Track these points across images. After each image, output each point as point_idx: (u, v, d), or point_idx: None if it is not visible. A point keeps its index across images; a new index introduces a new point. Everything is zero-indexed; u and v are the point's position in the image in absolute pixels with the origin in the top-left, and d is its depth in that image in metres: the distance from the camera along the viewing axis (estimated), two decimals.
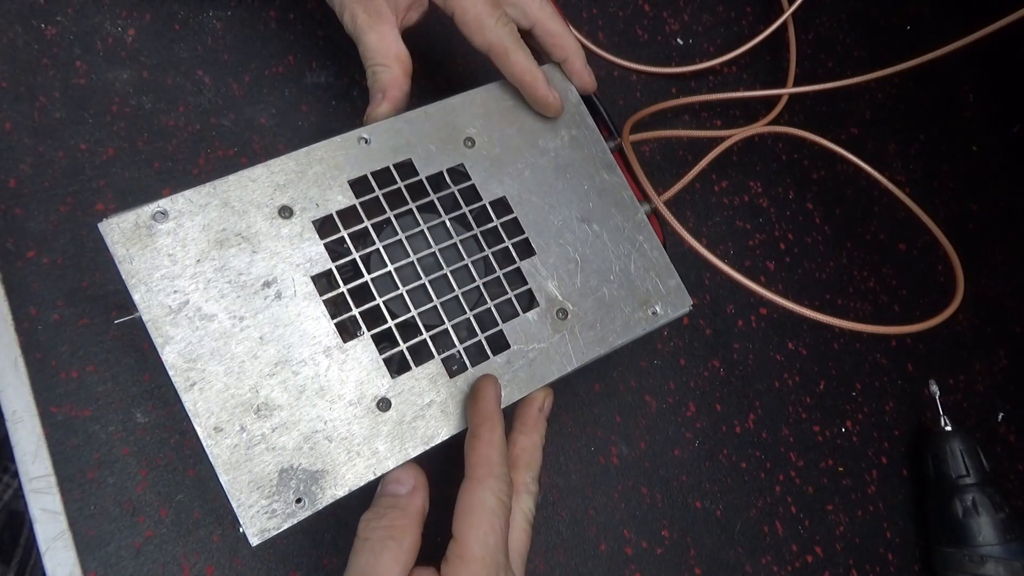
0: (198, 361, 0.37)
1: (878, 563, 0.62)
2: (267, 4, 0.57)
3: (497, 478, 0.36)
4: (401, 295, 0.42)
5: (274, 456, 0.37)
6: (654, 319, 0.46)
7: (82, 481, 0.45)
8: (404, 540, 0.35)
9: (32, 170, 0.49)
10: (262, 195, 0.40)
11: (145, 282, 0.37)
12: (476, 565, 0.34)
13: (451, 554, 0.35)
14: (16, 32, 0.51)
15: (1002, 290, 0.75)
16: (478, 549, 0.35)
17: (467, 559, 0.34)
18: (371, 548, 0.35)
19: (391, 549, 0.35)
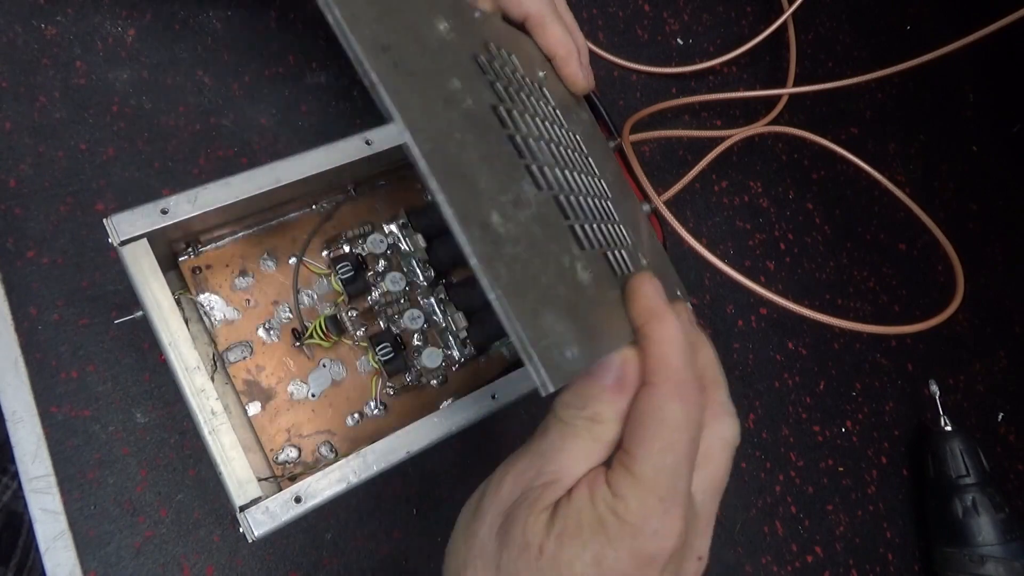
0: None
1: (878, 563, 0.62)
2: (267, 4, 0.57)
3: (680, 384, 0.29)
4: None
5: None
6: None
7: (82, 481, 0.45)
8: (602, 437, 0.30)
9: (32, 170, 0.49)
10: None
11: None
12: (645, 487, 0.28)
13: (617, 462, 0.29)
14: (16, 32, 0.51)
15: (1002, 290, 0.75)
16: (649, 469, 0.28)
17: (636, 474, 0.28)
18: (563, 433, 0.30)
19: (584, 442, 0.30)
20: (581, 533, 0.28)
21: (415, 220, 0.48)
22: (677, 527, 0.28)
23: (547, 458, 0.30)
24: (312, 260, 0.47)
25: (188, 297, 0.44)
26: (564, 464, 0.29)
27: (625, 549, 0.27)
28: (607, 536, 0.27)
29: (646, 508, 0.28)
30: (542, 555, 0.28)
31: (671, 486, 0.28)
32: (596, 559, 0.27)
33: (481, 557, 0.30)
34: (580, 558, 0.27)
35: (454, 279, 0.49)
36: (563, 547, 0.28)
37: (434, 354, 0.47)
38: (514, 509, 0.29)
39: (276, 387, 0.45)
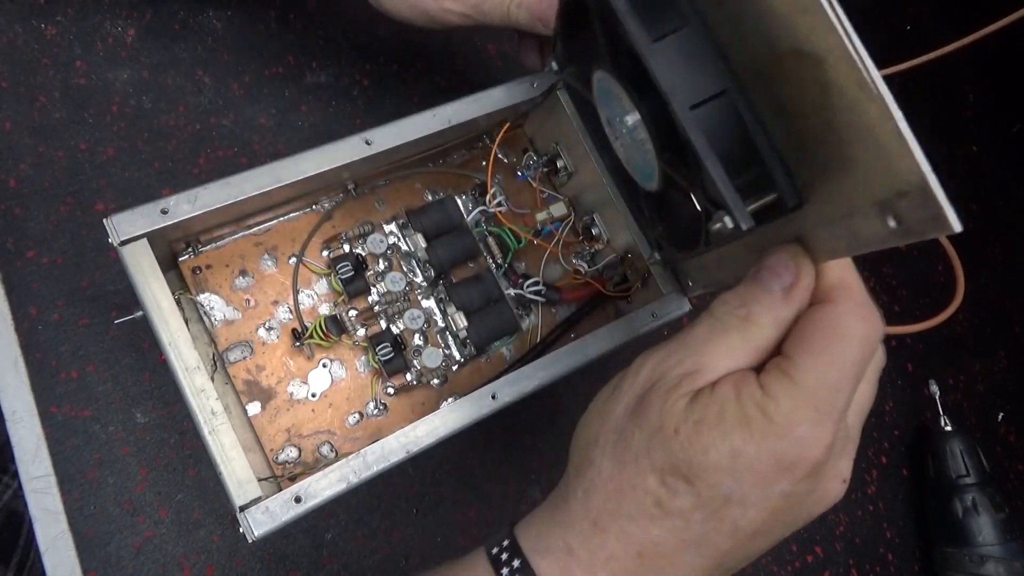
0: None
1: (878, 563, 0.62)
2: (267, 4, 0.57)
3: (861, 305, 0.29)
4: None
5: None
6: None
7: (82, 481, 0.45)
8: (752, 339, 0.29)
9: (32, 170, 0.49)
10: None
11: None
12: (802, 394, 0.27)
13: (774, 367, 0.29)
14: (16, 32, 0.51)
15: (1002, 290, 0.75)
16: (812, 378, 0.27)
17: (796, 379, 0.28)
18: (712, 328, 0.30)
19: (733, 339, 0.29)
20: (722, 424, 0.28)
21: (415, 220, 0.48)
22: (826, 440, 0.28)
23: (690, 349, 0.30)
24: (312, 260, 0.47)
25: (188, 297, 0.44)
26: (708, 357, 0.29)
27: (767, 448, 0.27)
28: (750, 432, 0.27)
29: (799, 414, 0.27)
30: (676, 436, 0.28)
31: (830, 400, 0.28)
32: (734, 451, 0.27)
33: (613, 432, 0.31)
34: (716, 447, 0.28)
35: (454, 279, 0.49)
36: (700, 433, 0.28)
37: (434, 354, 0.47)
38: (649, 393, 0.30)
39: (276, 387, 0.45)
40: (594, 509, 0.31)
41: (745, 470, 0.28)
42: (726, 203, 0.28)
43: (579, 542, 0.31)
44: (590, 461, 0.31)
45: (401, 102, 0.58)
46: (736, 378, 0.29)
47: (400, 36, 0.60)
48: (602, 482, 0.30)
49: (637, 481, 0.29)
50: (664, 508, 0.29)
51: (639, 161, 0.35)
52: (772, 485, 0.28)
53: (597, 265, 0.51)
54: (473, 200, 0.51)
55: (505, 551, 0.32)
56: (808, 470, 0.28)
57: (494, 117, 0.48)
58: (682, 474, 0.29)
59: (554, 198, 0.52)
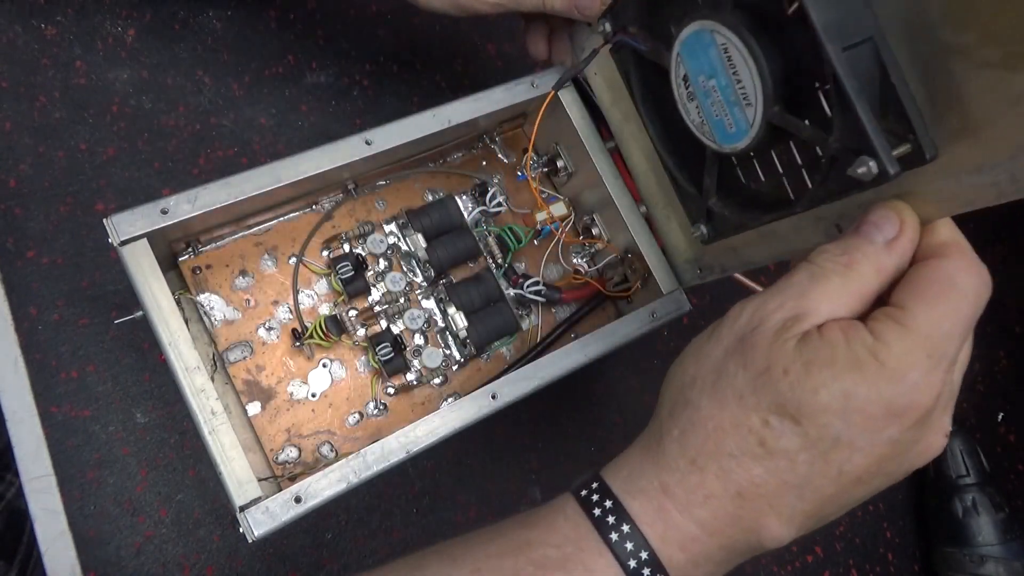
0: None
1: (878, 563, 0.62)
2: (267, 4, 0.57)
3: (974, 261, 0.29)
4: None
5: None
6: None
7: (82, 481, 0.45)
8: (852, 286, 0.29)
9: (32, 170, 0.49)
10: None
11: None
12: (915, 340, 0.28)
13: (884, 315, 0.29)
14: (16, 32, 0.51)
15: (1002, 290, 0.75)
16: (925, 325, 0.28)
17: (909, 327, 0.28)
18: (813, 275, 0.30)
19: (834, 285, 0.29)
20: (833, 365, 0.28)
21: (415, 220, 0.48)
22: (936, 387, 0.28)
23: (790, 294, 0.30)
24: (312, 260, 0.47)
25: (188, 297, 0.44)
26: (810, 301, 0.29)
27: (879, 391, 0.27)
28: (862, 374, 0.27)
29: (911, 359, 0.27)
30: (786, 376, 0.28)
31: (942, 348, 0.28)
32: (845, 393, 0.27)
33: (712, 373, 0.30)
34: (828, 387, 0.28)
35: (454, 279, 0.49)
36: (810, 374, 0.28)
37: (434, 354, 0.47)
38: (752, 335, 0.30)
39: (276, 387, 0.45)
40: (692, 448, 0.30)
41: (855, 412, 0.28)
42: (874, 147, 0.28)
43: (675, 480, 0.30)
44: (686, 401, 0.31)
45: (401, 102, 0.58)
46: (843, 323, 0.29)
47: (400, 36, 0.60)
48: (701, 421, 0.30)
49: (740, 420, 0.29)
50: (768, 448, 0.29)
51: (725, 119, 0.35)
52: (881, 430, 0.28)
53: (597, 265, 0.51)
54: (473, 200, 0.51)
55: (595, 492, 0.31)
56: (917, 417, 0.28)
57: (494, 117, 0.48)
58: (789, 414, 0.28)
59: (554, 198, 0.52)
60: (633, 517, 0.30)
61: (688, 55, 0.35)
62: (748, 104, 0.33)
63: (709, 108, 0.36)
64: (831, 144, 0.30)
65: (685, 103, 0.37)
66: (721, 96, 0.34)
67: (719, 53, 0.33)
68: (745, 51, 0.32)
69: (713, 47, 0.33)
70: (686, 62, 0.36)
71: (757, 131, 0.33)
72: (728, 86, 0.34)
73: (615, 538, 0.30)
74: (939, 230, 0.30)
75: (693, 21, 0.34)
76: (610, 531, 0.30)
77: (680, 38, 0.35)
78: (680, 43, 0.35)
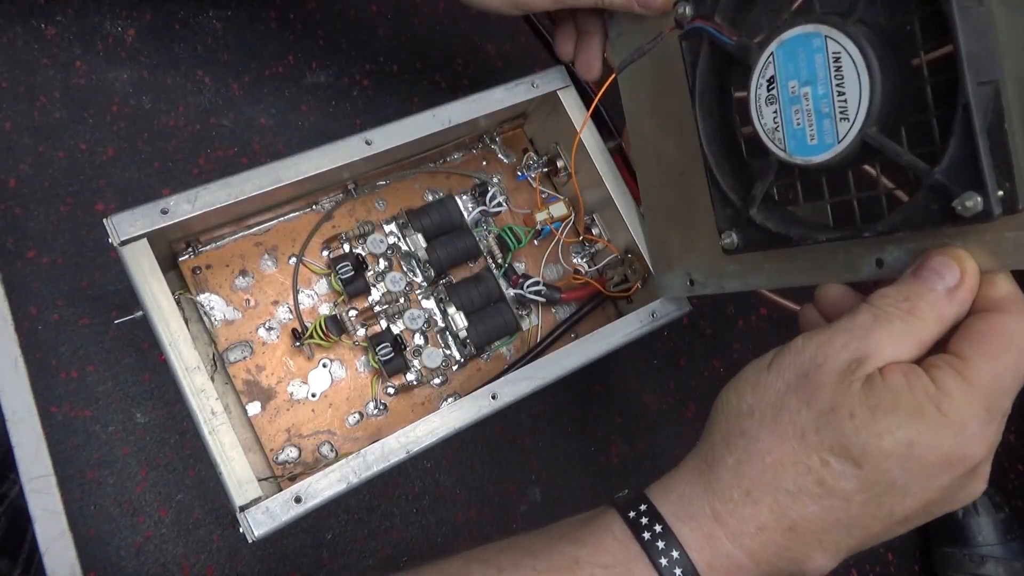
0: None
1: (878, 563, 0.62)
2: (267, 4, 0.57)
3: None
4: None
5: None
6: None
7: (82, 481, 0.45)
8: (917, 329, 0.30)
9: (32, 170, 0.49)
10: None
11: None
12: (976, 393, 0.29)
13: (945, 364, 0.29)
14: (16, 32, 0.51)
15: None
16: (986, 378, 0.29)
17: (970, 379, 0.29)
18: (876, 317, 0.31)
19: (897, 329, 0.30)
20: (897, 411, 0.28)
21: (415, 220, 0.48)
22: (990, 440, 0.30)
23: (854, 335, 0.30)
24: (312, 260, 0.47)
25: (188, 297, 0.44)
26: (873, 344, 0.30)
27: (940, 442, 0.28)
28: (924, 423, 0.28)
29: (971, 411, 0.28)
30: (852, 419, 0.29)
31: (999, 402, 0.29)
32: (909, 441, 0.28)
33: (771, 407, 0.31)
34: (892, 434, 0.28)
35: (454, 279, 0.49)
36: (876, 419, 0.29)
37: (434, 354, 0.47)
38: (817, 373, 0.30)
39: (276, 387, 0.45)
40: (747, 479, 0.31)
41: (915, 460, 0.28)
42: (986, 185, 0.28)
43: (727, 510, 0.31)
44: (742, 431, 0.31)
45: (401, 102, 0.58)
46: (905, 368, 0.30)
47: (400, 36, 0.60)
48: (759, 453, 0.31)
49: (800, 457, 0.30)
50: (826, 487, 0.29)
51: (808, 130, 0.34)
52: (935, 478, 0.29)
53: (597, 265, 0.51)
54: (473, 200, 0.51)
55: (644, 515, 0.31)
56: (969, 467, 0.29)
57: (494, 117, 0.48)
58: (852, 456, 0.29)
59: (554, 198, 0.52)
60: (683, 543, 0.31)
61: (785, 57, 0.34)
62: (843, 119, 0.32)
63: (791, 115, 0.34)
64: (935, 174, 0.30)
65: (761, 106, 0.36)
66: (812, 105, 0.33)
67: (827, 61, 0.32)
68: (863, 64, 0.31)
69: (822, 54, 0.32)
70: (780, 63, 0.34)
71: (846, 148, 0.32)
72: (825, 96, 0.33)
73: (664, 563, 0.30)
74: (999, 283, 0.31)
75: (805, 23, 0.33)
76: (660, 556, 0.30)
77: (781, 38, 0.34)
78: (779, 43, 0.34)
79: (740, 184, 0.38)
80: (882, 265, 0.35)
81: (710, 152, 0.39)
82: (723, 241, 0.39)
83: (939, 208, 0.30)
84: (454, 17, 0.61)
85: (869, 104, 0.31)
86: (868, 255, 0.35)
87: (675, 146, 0.43)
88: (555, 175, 0.52)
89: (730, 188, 0.38)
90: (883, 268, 0.35)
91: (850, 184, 0.34)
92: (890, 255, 0.34)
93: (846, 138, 0.32)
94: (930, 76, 0.30)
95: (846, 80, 0.32)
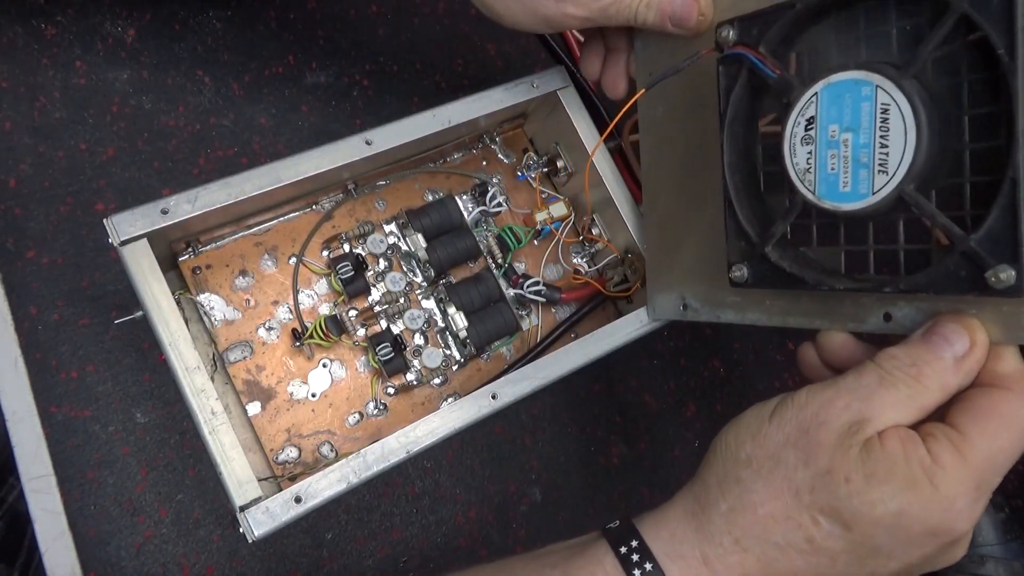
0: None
1: None
2: (267, 4, 0.57)
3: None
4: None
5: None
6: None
7: (82, 481, 0.45)
8: (921, 397, 0.31)
9: (32, 170, 0.49)
10: None
11: None
12: (969, 470, 0.29)
13: (943, 436, 0.30)
14: (16, 32, 0.51)
15: None
16: (980, 457, 0.29)
17: (966, 456, 0.29)
18: (882, 380, 0.31)
19: (901, 394, 0.31)
20: (891, 481, 0.29)
21: (415, 220, 0.48)
22: (976, 515, 0.30)
23: (858, 395, 0.31)
24: (312, 260, 0.47)
25: (188, 297, 0.44)
26: (876, 407, 0.30)
27: (928, 514, 0.29)
28: (916, 496, 0.29)
29: (962, 488, 0.29)
30: (847, 483, 0.30)
31: (991, 480, 0.30)
32: (899, 512, 0.29)
33: (769, 460, 0.32)
34: (884, 504, 0.29)
35: (454, 279, 0.49)
36: (870, 487, 0.29)
37: (434, 354, 0.47)
38: (817, 432, 0.31)
39: (276, 387, 0.45)
40: (738, 527, 0.32)
41: (903, 529, 0.30)
42: (1021, 259, 0.28)
43: (716, 555, 0.32)
44: (738, 479, 0.32)
45: (401, 102, 0.58)
46: (903, 436, 0.30)
47: (400, 36, 0.60)
48: (751, 505, 0.31)
49: (792, 513, 0.31)
50: (814, 545, 0.30)
51: (842, 176, 0.33)
52: (920, 546, 0.30)
53: (597, 265, 0.51)
54: (473, 200, 0.51)
55: (635, 552, 0.32)
56: (953, 539, 0.30)
57: (494, 117, 0.48)
58: (843, 519, 0.30)
59: (554, 198, 0.52)
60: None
61: (830, 99, 0.33)
62: (882, 171, 0.32)
63: (826, 159, 0.34)
64: (970, 241, 0.30)
65: (795, 144, 0.35)
66: (851, 152, 0.33)
67: (874, 111, 0.32)
68: (912, 121, 0.31)
69: (870, 103, 0.32)
70: (823, 105, 0.34)
71: (879, 201, 0.32)
72: (867, 146, 0.32)
73: None
74: (1007, 358, 0.31)
75: (856, 68, 0.32)
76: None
77: (829, 79, 0.33)
78: (826, 84, 0.33)
79: (756, 218, 0.38)
80: (890, 319, 0.35)
81: (731, 182, 0.38)
82: (733, 273, 0.38)
83: (968, 276, 0.30)
84: (454, 17, 0.61)
85: (912, 162, 0.31)
86: (877, 307, 0.35)
87: (689, 168, 0.43)
88: (555, 175, 0.52)
89: (747, 220, 0.38)
90: (891, 322, 0.35)
91: (869, 235, 0.34)
92: (900, 310, 0.34)
93: (882, 191, 0.32)
94: (970, 141, 0.30)
95: (891, 133, 0.31)
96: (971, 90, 0.30)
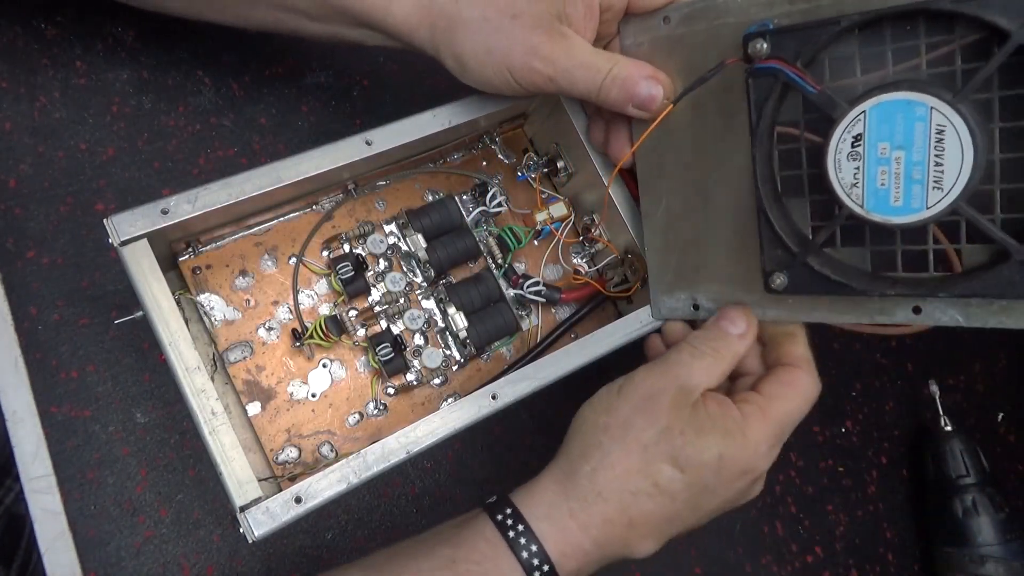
0: None
1: (878, 563, 0.62)
2: None
3: (815, 376, 0.41)
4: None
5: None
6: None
7: (82, 481, 0.45)
8: (721, 364, 0.40)
9: (32, 170, 0.49)
10: None
11: None
12: (770, 426, 0.39)
13: (750, 399, 0.40)
14: (16, 32, 0.51)
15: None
16: (780, 415, 0.39)
17: (768, 415, 0.39)
18: (693, 354, 0.40)
19: (708, 364, 0.40)
20: (713, 431, 0.38)
21: (415, 220, 0.48)
22: (774, 456, 0.40)
23: (680, 367, 0.40)
24: (312, 260, 0.47)
25: (188, 297, 0.44)
26: (694, 376, 0.40)
27: (740, 457, 0.38)
28: (731, 442, 0.38)
29: (765, 437, 0.39)
30: (681, 436, 0.38)
31: (785, 431, 0.40)
32: (720, 455, 0.38)
33: (623, 426, 0.39)
34: (710, 450, 0.38)
35: (454, 279, 0.49)
36: (699, 438, 0.38)
37: (434, 354, 0.47)
38: (658, 399, 0.39)
39: (276, 387, 0.45)
40: (600, 483, 0.38)
41: (723, 469, 0.38)
42: None
43: (581, 507, 0.38)
44: (599, 444, 0.39)
45: (401, 102, 0.58)
46: (718, 399, 0.40)
47: None
48: (610, 464, 0.38)
49: (642, 466, 0.38)
50: (660, 488, 0.38)
51: (893, 191, 0.34)
52: (735, 482, 0.39)
53: (597, 265, 0.51)
54: (473, 200, 0.51)
55: (509, 518, 0.38)
56: (756, 476, 0.40)
57: (494, 117, 0.48)
58: (679, 465, 0.38)
59: (554, 198, 0.52)
60: (540, 538, 0.38)
61: (880, 118, 0.34)
62: (937, 188, 0.33)
63: (875, 175, 0.34)
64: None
65: (840, 160, 0.35)
66: (903, 169, 0.34)
67: (929, 131, 0.33)
68: (969, 143, 0.32)
69: (924, 123, 0.33)
70: (871, 123, 0.34)
71: (934, 215, 0.33)
72: (920, 164, 0.33)
73: (525, 555, 0.37)
74: (800, 344, 0.42)
75: (908, 90, 0.33)
76: (522, 550, 0.37)
77: (879, 98, 0.33)
78: (875, 103, 0.34)
79: (788, 226, 0.39)
80: (919, 312, 0.38)
81: (764, 192, 0.39)
82: (774, 282, 0.40)
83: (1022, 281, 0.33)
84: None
85: (968, 180, 0.32)
86: (905, 302, 0.38)
87: (703, 173, 0.42)
88: (555, 175, 0.52)
89: (783, 230, 0.39)
90: (920, 315, 0.38)
91: (897, 237, 0.36)
92: (929, 304, 0.37)
93: (936, 206, 0.33)
94: (1001, 152, 0.32)
95: (946, 153, 0.32)
96: (1001, 105, 0.32)
